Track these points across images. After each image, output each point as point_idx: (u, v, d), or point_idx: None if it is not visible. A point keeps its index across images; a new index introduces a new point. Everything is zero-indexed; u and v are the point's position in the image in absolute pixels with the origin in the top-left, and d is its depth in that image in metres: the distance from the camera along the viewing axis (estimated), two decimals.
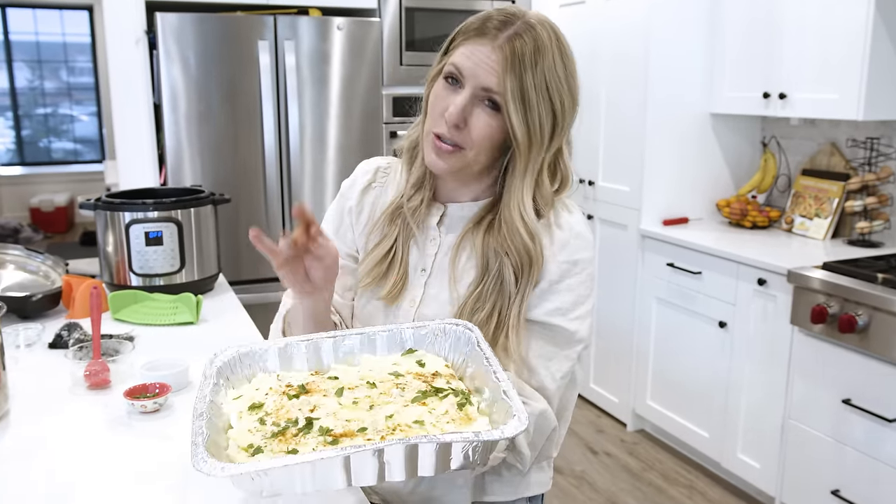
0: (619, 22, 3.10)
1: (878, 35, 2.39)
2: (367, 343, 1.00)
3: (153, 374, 1.37)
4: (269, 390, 0.92)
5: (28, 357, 1.58)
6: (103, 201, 1.95)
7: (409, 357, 0.99)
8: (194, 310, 1.79)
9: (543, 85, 1.00)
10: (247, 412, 0.88)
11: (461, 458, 0.80)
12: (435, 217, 1.14)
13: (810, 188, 2.93)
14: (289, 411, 0.88)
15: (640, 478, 2.89)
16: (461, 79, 1.01)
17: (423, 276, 1.12)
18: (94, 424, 1.27)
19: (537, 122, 1.01)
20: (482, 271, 1.06)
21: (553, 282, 1.05)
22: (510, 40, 0.99)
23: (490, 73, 0.99)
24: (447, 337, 0.99)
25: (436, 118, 1.04)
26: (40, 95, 8.10)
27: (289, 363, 0.99)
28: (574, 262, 1.06)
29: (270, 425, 0.85)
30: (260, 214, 3.10)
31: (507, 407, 0.83)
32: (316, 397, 0.90)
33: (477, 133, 1.02)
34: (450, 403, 0.88)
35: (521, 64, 0.98)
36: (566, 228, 1.07)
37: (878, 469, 2.15)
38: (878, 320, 2.10)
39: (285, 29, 3.00)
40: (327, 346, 1.00)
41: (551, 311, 1.05)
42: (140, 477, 1.10)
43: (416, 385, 0.92)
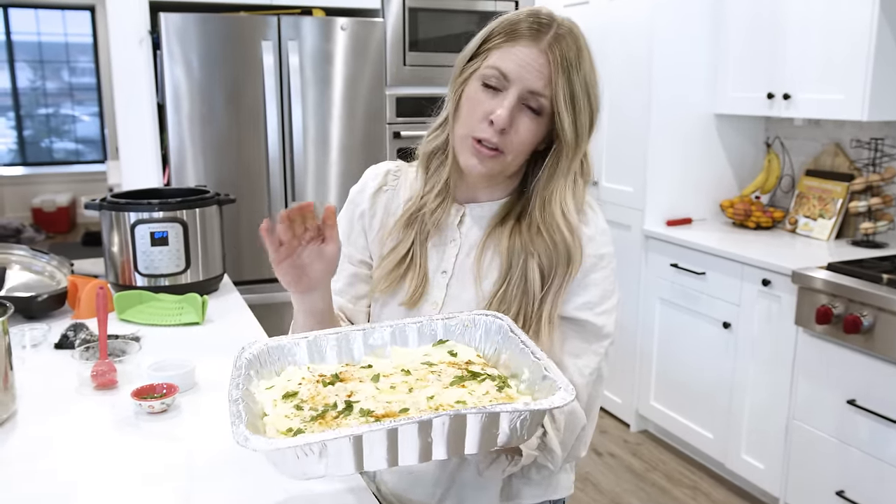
0: (622, 22, 3.10)
1: (883, 35, 2.39)
2: (398, 335, 0.99)
3: (160, 375, 1.37)
4: (301, 380, 0.91)
5: (34, 357, 1.58)
6: (108, 202, 1.95)
7: (440, 348, 0.98)
8: (200, 310, 1.79)
9: (585, 85, 1.02)
10: (281, 400, 0.86)
11: (507, 432, 0.79)
12: (454, 218, 1.13)
13: (814, 189, 2.92)
14: (325, 397, 0.86)
15: (644, 478, 2.89)
16: (505, 82, 1.01)
17: (444, 277, 1.12)
18: (102, 425, 1.27)
19: (584, 122, 1.03)
20: (506, 271, 1.06)
21: (581, 277, 1.05)
22: (556, 42, 1.00)
23: (538, 76, 1.00)
24: (477, 327, 0.98)
25: (475, 122, 1.03)
26: (42, 95, 8.10)
27: (319, 356, 0.97)
28: (600, 257, 1.07)
29: (308, 410, 0.83)
30: (263, 215, 3.10)
31: (551, 383, 0.82)
32: (352, 384, 0.89)
33: (521, 137, 1.03)
34: (489, 385, 0.86)
35: (569, 66, 1.00)
36: (591, 224, 1.08)
37: (883, 470, 2.14)
38: (882, 321, 2.09)
39: (289, 29, 3.00)
40: (357, 339, 0.99)
41: (580, 306, 1.05)
42: (147, 478, 1.10)
43: (452, 371, 0.90)
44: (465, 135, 1.05)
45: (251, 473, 1.09)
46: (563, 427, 1.01)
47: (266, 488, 1.06)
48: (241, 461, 1.13)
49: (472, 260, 1.10)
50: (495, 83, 1.02)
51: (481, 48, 1.05)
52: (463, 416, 0.76)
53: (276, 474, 1.07)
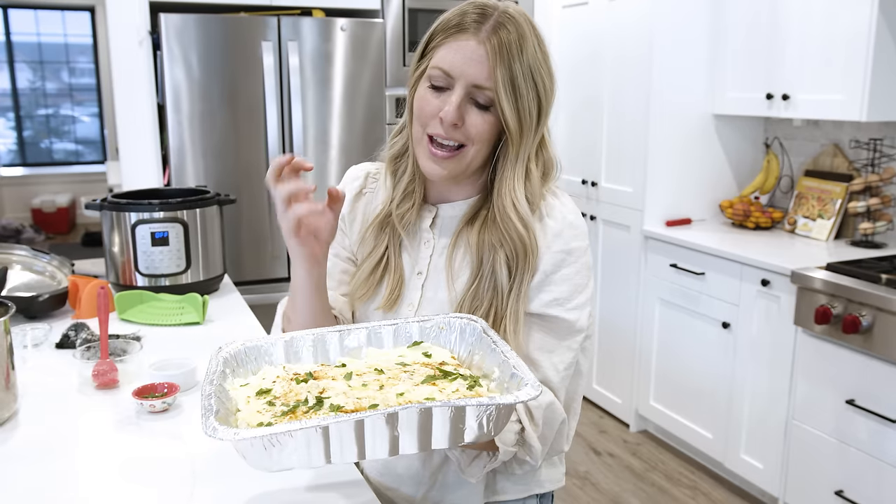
0: (621, 23, 3.11)
1: (882, 36, 2.40)
2: (374, 337, 1.01)
3: (161, 374, 1.37)
4: (276, 378, 0.92)
5: (36, 357, 1.58)
6: (109, 202, 1.95)
7: (415, 349, 0.99)
8: (200, 310, 1.80)
9: (529, 71, 1.00)
10: (254, 397, 0.88)
11: (475, 427, 0.80)
12: (427, 219, 1.14)
13: (813, 189, 2.93)
14: (298, 394, 0.87)
15: (644, 478, 2.90)
16: (450, 80, 1.01)
17: (419, 279, 1.12)
18: (103, 424, 1.28)
19: (527, 108, 1.01)
20: (477, 268, 1.06)
21: (548, 272, 1.04)
22: (496, 31, 0.99)
23: (480, 68, 0.99)
24: (452, 329, 1.00)
25: (427, 119, 1.03)
26: (42, 96, 8.10)
27: (294, 356, 0.99)
28: (568, 252, 1.05)
29: (279, 406, 0.85)
30: (263, 215, 3.11)
31: (519, 380, 0.83)
32: (325, 381, 0.90)
33: (475, 130, 1.02)
34: (460, 384, 0.88)
35: (508, 53, 0.98)
36: (558, 218, 1.06)
37: (882, 469, 2.15)
38: (881, 321, 2.10)
39: (289, 30, 3.01)
40: (333, 340, 1.00)
41: (548, 303, 1.04)
42: (149, 476, 1.10)
43: (424, 371, 0.91)
44: (419, 137, 1.05)
45: (252, 472, 1.10)
46: (541, 422, 1.01)
47: (267, 486, 1.06)
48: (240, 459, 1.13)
49: (444, 259, 1.10)
50: (441, 82, 1.02)
51: (427, 48, 1.05)
52: (429, 410, 0.77)
53: (278, 474, 1.08)
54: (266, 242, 3.13)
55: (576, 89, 3.42)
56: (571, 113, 3.47)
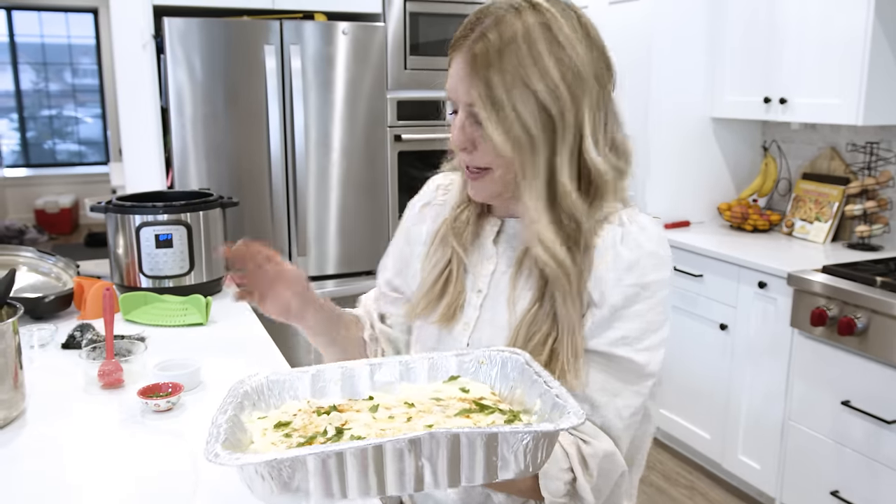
0: (620, 26, 3.13)
1: (878, 41, 2.42)
2: (407, 371, 0.92)
3: (166, 374, 1.40)
4: (297, 411, 0.85)
5: (42, 357, 1.61)
6: (114, 204, 1.98)
7: (451, 384, 0.91)
8: (204, 311, 1.82)
9: (516, 76, 0.89)
10: (272, 429, 0.81)
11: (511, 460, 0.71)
12: (490, 233, 1.05)
13: (811, 192, 2.95)
14: (318, 426, 0.80)
15: (642, 479, 2.90)
16: (453, 103, 0.96)
17: (478, 297, 1.04)
18: (109, 423, 1.30)
19: (515, 122, 0.89)
20: (540, 291, 0.95)
21: (617, 308, 0.92)
22: (477, 42, 0.90)
23: (462, 84, 0.92)
24: (493, 364, 0.90)
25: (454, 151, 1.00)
26: (45, 97, 8.14)
27: (321, 391, 0.90)
28: (644, 286, 0.92)
29: (296, 437, 0.78)
30: (265, 217, 3.14)
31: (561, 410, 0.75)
32: (348, 414, 0.83)
33: (486, 150, 0.94)
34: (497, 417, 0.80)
35: (485, 63, 0.89)
36: (633, 247, 0.93)
37: (878, 470, 2.17)
38: (876, 323, 2.12)
39: (291, 33, 3.04)
40: (364, 374, 0.91)
41: (615, 341, 0.92)
42: (153, 474, 1.13)
43: (460, 405, 0.83)
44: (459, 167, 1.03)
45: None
46: (595, 473, 0.90)
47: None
48: None
49: (506, 279, 1.01)
50: (451, 107, 0.98)
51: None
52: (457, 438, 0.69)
53: None
54: (268, 244, 3.15)
55: None
56: None
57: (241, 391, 0.86)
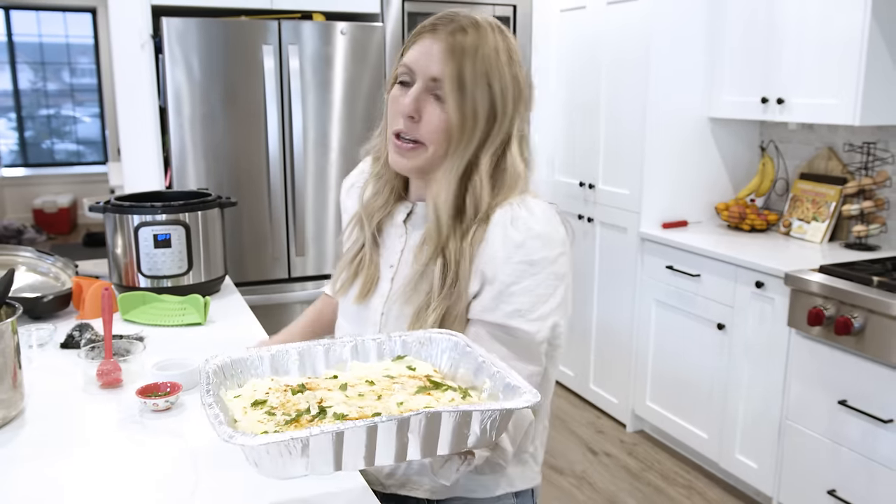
0: (619, 26, 3.14)
1: (875, 41, 2.43)
2: (360, 350, 1.02)
3: (164, 374, 1.40)
4: (268, 389, 0.92)
5: (41, 357, 1.61)
6: (112, 204, 1.99)
7: (399, 363, 1.01)
8: (202, 311, 1.83)
9: (483, 70, 1.04)
10: (251, 408, 0.88)
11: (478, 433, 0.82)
12: (402, 214, 1.19)
13: (808, 192, 2.96)
14: (297, 404, 0.87)
15: (640, 478, 2.93)
16: (413, 75, 1.07)
17: (390, 271, 1.17)
18: (107, 422, 1.31)
19: (472, 106, 1.04)
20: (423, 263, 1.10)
21: (508, 284, 1.04)
22: (453, 32, 1.05)
23: (434, 61, 1.05)
24: (433, 344, 1.02)
25: (393, 118, 1.10)
26: (43, 97, 8.14)
27: (282, 370, 0.99)
28: (531, 263, 1.04)
29: (281, 415, 0.85)
30: (263, 217, 3.14)
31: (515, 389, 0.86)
32: (320, 392, 0.90)
33: (431, 125, 1.06)
34: (453, 394, 0.90)
35: (462, 51, 1.04)
36: (522, 230, 1.05)
37: (874, 469, 2.18)
38: (873, 323, 2.13)
39: (289, 33, 3.04)
40: (319, 353, 1.01)
41: (510, 314, 1.05)
42: (152, 473, 1.13)
43: (414, 383, 0.93)
44: (389, 134, 1.11)
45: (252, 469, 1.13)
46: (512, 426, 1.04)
47: (268, 485, 1.09)
48: (242, 457, 1.16)
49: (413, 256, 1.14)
50: (406, 79, 1.08)
51: (402, 53, 1.12)
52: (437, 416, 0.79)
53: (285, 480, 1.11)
54: (267, 244, 3.16)
55: (574, 92, 3.45)
56: (569, 115, 3.50)
57: (210, 369, 0.92)
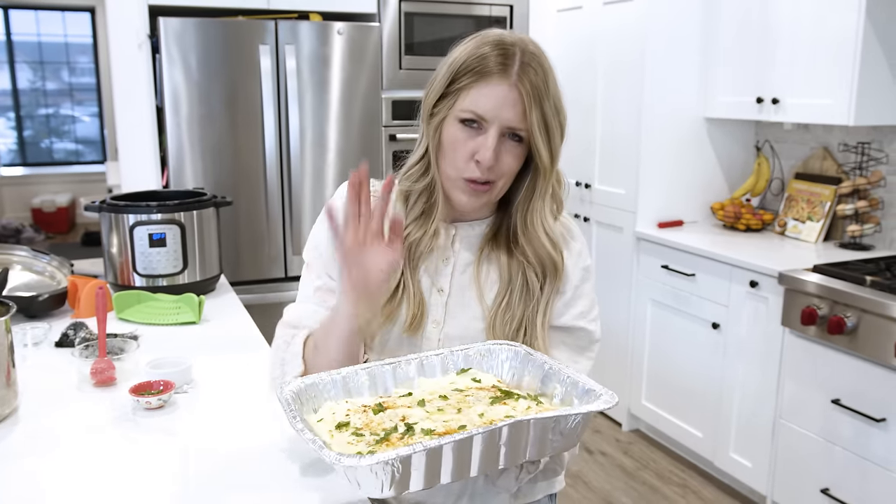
0: (615, 27, 3.15)
1: (869, 42, 2.44)
2: (426, 367, 1.03)
3: (157, 372, 1.41)
4: (347, 412, 0.92)
5: (35, 355, 1.62)
6: (108, 204, 1.99)
7: (463, 376, 1.03)
8: (196, 310, 1.84)
9: (555, 107, 1.07)
10: (336, 430, 0.88)
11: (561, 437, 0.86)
12: (447, 238, 1.15)
13: (803, 192, 2.97)
14: (381, 423, 0.88)
15: (635, 477, 2.94)
16: (484, 122, 1.04)
17: (441, 296, 1.14)
18: (101, 420, 1.31)
19: (557, 142, 1.09)
20: (507, 283, 1.12)
21: (576, 287, 1.14)
22: (524, 73, 1.03)
23: (513, 112, 1.03)
24: (493, 356, 1.05)
25: (462, 163, 1.06)
26: (42, 96, 8.14)
27: (354, 391, 0.98)
28: (586, 269, 1.17)
29: (370, 436, 0.85)
30: (260, 217, 3.15)
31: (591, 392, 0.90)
32: (400, 410, 0.92)
33: (507, 167, 1.07)
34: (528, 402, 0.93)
35: (539, 95, 1.04)
36: (578, 239, 1.17)
37: (867, 468, 2.19)
38: (866, 322, 2.14)
39: (286, 33, 3.05)
40: (388, 373, 1.01)
41: (576, 316, 1.14)
42: (144, 471, 1.14)
43: (483, 394, 0.96)
44: (455, 176, 1.07)
45: (245, 468, 1.14)
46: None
47: (259, 482, 1.10)
48: (234, 455, 1.17)
49: (468, 276, 1.14)
50: (474, 123, 1.05)
51: (451, 87, 1.06)
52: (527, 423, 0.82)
53: (269, 469, 1.12)
54: (263, 243, 3.17)
55: (570, 92, 3.43)
56: None
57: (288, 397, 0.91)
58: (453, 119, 1.06)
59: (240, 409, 1.37)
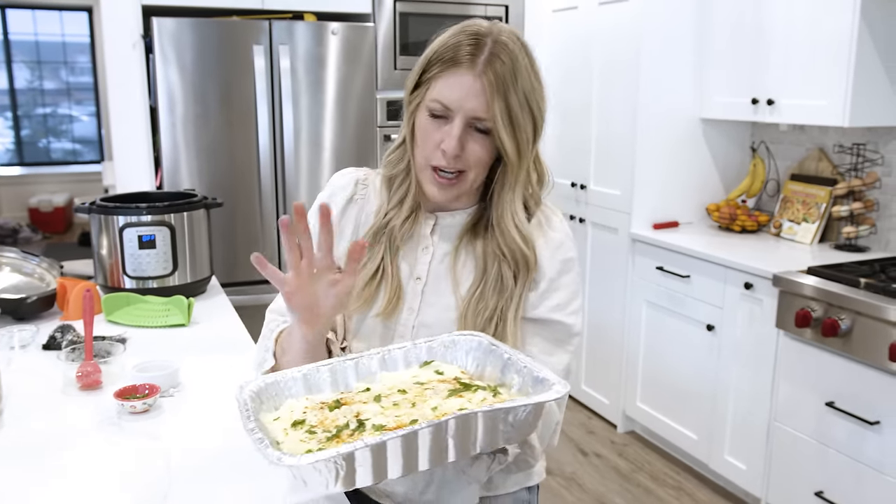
0: (610, 27, 3.14)
1: (864, 43, 2.43)
2: (388, 361, 1.03)
3: (143, 376, 1.40)
4: (304, 409, 0.92)
5: (22, 358, 1.61)
6: (98, 205, 1.98)
7: (426, 368, 1.02)
8: (185, 312, 1.83)
9: (524, 98, 1.04)
10: (291, 428, 0.88)
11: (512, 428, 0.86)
12: (427, 227, 1.16)
13: (798, 193, 2.96)
14: (335, 419, 0.88)
15: (630, 479, 2.93)
16: (448, 112, 1.04)
17: (418, 283, 1.15)
18: (85, 424, 1.31)
19: (524, 135, 1.06)
20: (481, 274, 1.11)
21: (552, 279, 1.12)
22: (490, 64, 1.02)
23: (477, 102, 1.03)
24: (457, 347, 1.04)
25: (429, 151, 1.07)
26: (39, 95, 8.13)
27: (316, 388, 0.98)
28: (567, 260, 1.13)
29: (322, 433, 0.86)
30: (255, 216, 3.14)
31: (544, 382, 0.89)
32: (356, 406, 0.91)
33: (474, 158, 1.06)
34: (484, 394, 0.92)
35: (503, 85, 1.02)
36: (559, 230, 1.15)
37: (861, 470, 2.18)
38: (860, 325, 2.13)
39: (280, 33, 3.04)
40: (350, 369, 1.01)
41: (552, 308, 1.11)
42: (126, 475, 1.13)
43: (444, 387, 0.95)
44: (423, 164, 1.09)
45: (226, 472, 1.13)
46: (540, 424, 1.05)
47: (241, 485, 1.09)
48: (217, 459, 1.16)
49: (445, 266, 1.14)
50: (441, 113, 1.05)
51: (423, 77, 1.08)
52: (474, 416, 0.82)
53: (250, 474, 1.11)
54: (258, 243, 3.16)
55: (566, 92, 3.45)
56: (561, 116, 3.49)
57: (246, 397, 0.92)
58: (424, 108, 1.07)
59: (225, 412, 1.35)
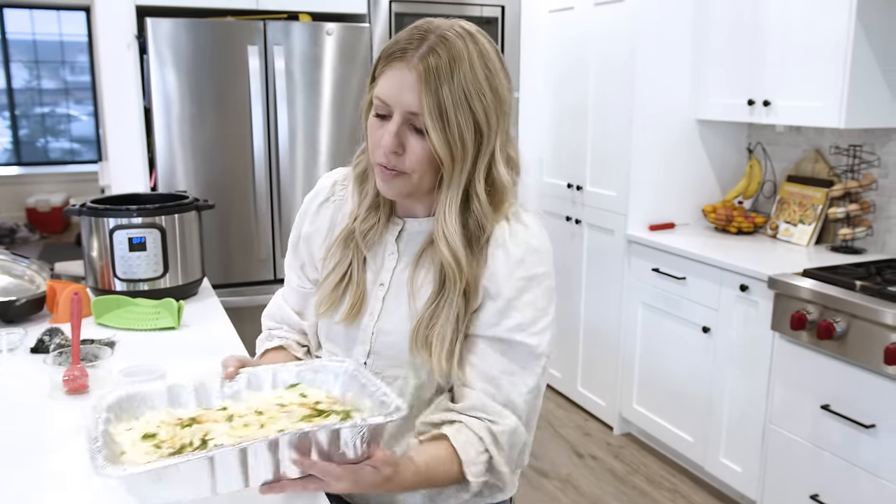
0: (606, 27, 3.12)
1: (860, 44, 2.41)
2: (253, 381, 1.06)
3: (130, 380, 1.39)
4: (160, 423, 0.96)
5: (10, 361, 1.60)
6: (88, 207, 1.97)
7: (292, 391, 1.05)
8: (176, 315, 1.82)
9: (462, 95, 0.98)
10: (140, 440, 0.92)
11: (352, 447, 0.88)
12: (393, 233, 1.14)
13: (795, 194, 2.95)
14: (182, 437, 0.92)
15: (625, 481, 2.92)
16: (388, 107, 1.02)
17: (381, 290, 1.13)
18: (68, 429, 1.29)
19: (457, 135, 0.99)
20: (440, 286, 1.06)
21: (511, 299, 1.05)
22: (423, 58, 0.98)
23: (410, 94, 0.99)
24: (326, 371, 1.06)
25: (373, 149, 1.05)
26: (37, 95, 8.12)
27: (177, 401, 1.02)
28: (530, 278, 1.06)
29: (167, 449, 0.89)
30: (249, 217, 3.13)
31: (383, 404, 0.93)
32: (207, 425, 0.95)
33: (414, 157, 1.02)
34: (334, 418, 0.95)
35: (435, 79, 0.97)
36: (521, 244, 1.06)
37: (856, 474, 2.17)
38: (855, 327, 2.12)
39: (275, 34, 3.03)
40: (214, 386, 1.05)
41: (512, 328, 1.05)
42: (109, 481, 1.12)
43: (301, 411, 0.98)
44: (373, 162, 1.07)
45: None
46: (506, 447, 1.05)
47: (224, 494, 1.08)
48: None
49: (406, 275, 1.11)
50: (382, 111, 1.03)
51: (374, 75, 1.06)
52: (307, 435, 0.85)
53: None
54: (253, 245, 3.15)
55: (562, 93, 3.44)
56: (557, 116, 3.49)
57: (105, 405, 0.96)
58: (370, 109, 1.06)
59: None
